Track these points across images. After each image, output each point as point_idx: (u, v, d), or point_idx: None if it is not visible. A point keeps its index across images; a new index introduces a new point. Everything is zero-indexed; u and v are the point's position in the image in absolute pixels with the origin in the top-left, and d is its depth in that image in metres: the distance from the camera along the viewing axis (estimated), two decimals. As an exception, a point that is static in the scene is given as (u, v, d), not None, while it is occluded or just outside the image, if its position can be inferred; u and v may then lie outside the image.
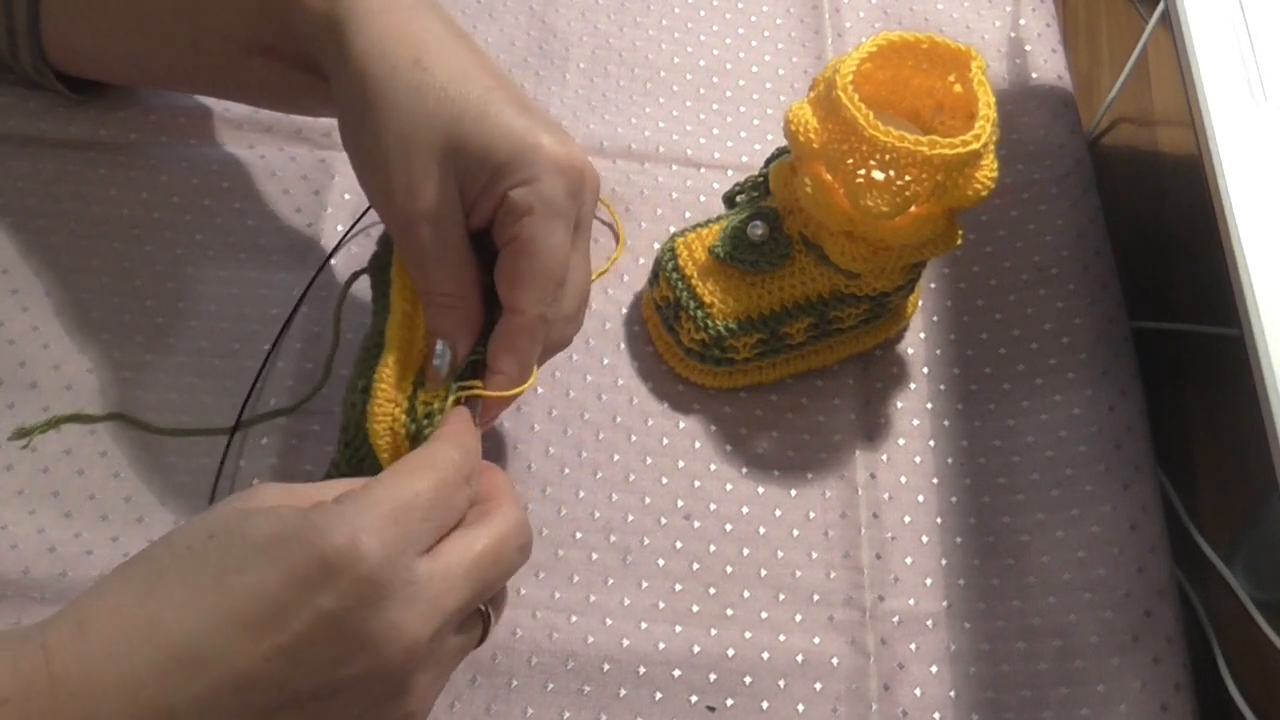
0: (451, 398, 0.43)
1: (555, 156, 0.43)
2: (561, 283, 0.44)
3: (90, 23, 0.52)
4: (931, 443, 0.56)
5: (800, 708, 0.49)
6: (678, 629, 0.50)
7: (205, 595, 0.35)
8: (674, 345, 0.55)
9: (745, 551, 0.53)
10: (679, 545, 0.52)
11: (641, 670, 0.49)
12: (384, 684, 0.36)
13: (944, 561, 0.53)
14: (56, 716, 0.33)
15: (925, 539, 0.53)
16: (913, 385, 0.57)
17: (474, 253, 0.45)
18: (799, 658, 0.50)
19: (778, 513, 0.54)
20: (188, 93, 0.60)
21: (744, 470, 0.55)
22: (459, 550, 0.38)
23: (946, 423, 0.56)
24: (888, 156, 0.46)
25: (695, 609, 0.51)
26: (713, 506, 0.53)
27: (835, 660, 0.50)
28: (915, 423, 0.56)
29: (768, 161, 0.56)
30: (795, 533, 0.53)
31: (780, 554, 0.53)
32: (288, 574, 0.35)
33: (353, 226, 0.58)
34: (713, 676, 0.50)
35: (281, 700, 0.35)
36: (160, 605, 0.35)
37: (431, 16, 0.45)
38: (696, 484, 0.54)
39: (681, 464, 0.54)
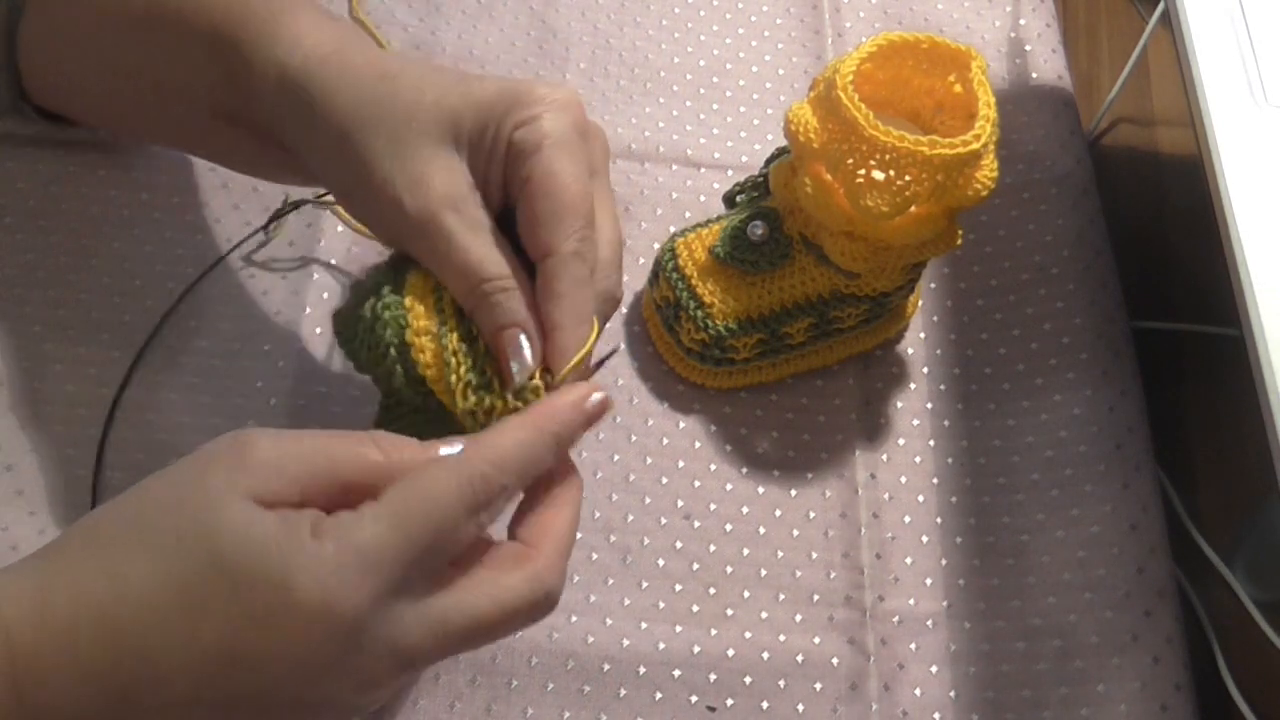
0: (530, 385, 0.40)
1: (554, 97, 0.41)
2: (589, 219, 0.40)
3: (65, 67, 0.50)
4: (931, 443, 0.56)
5: (800, 708, 0.49)
6: (678, 629, 0.50)
7: (169, 614, 0.33)
8: (674, 345, 0.55)
9: (745, 551, 0.53)
10: (679, 545, 0.52)
11: (641, 670, 0.49)
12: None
13: (944, 561, 0.53)
14: (19, 700, 0.33)
15: (925, 539, 0.53)
16: (913, 385, 0.57)
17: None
18: (799, 658, 0.50)
19: (778, 513, 0.54)
20: (161, 145, 0.58)
21: (744, 470, 0.54)
22: (446, 608, 0.36)
23: (946, 423, 0.56)
24: (888, 156, 0.46)
25: (695, 609, 0.51)
26: (713, 506, 0.53)
27: (835, 660, 0.50)
28: (915, 423, 0.56)
29: (768, 161, 0.56)
30: (795, 533, 0.53)
31: (780, 554, 0.53)
32: (252, 619, 0.33)
33: (316, 197, 0.58)
34: (713, 676, 0.50)
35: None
36: (120, 603, 0.33)
37: (376, 48, 0.44)
38: (696, 484, 0.54)
39: (681, 464, 0.54)
